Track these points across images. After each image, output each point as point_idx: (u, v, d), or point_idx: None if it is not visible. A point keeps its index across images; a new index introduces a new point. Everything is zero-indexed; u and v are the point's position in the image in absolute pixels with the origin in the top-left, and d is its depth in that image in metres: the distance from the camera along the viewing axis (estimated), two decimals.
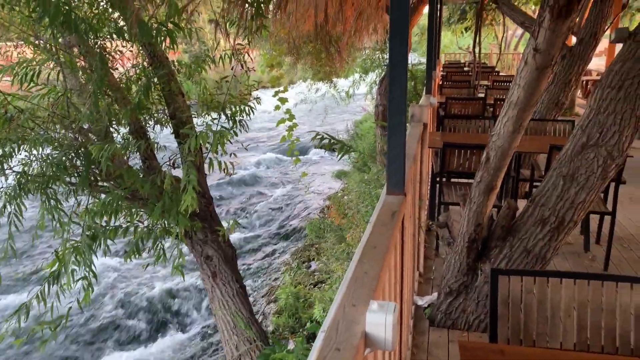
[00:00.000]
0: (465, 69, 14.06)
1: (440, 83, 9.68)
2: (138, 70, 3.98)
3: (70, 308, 3.43)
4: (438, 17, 7.81)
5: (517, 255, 2.66)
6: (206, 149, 3.57)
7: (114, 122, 3.83)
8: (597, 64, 13.21)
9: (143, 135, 4.10)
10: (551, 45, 2.15)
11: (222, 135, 3.33)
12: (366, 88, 13.61)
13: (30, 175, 3.41)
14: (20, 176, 3.39)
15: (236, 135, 3.61)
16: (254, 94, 4.44)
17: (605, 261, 3.72)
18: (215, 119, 3.65)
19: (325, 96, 12.99)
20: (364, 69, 13.12)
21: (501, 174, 2.63)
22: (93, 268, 3.45)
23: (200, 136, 3.28)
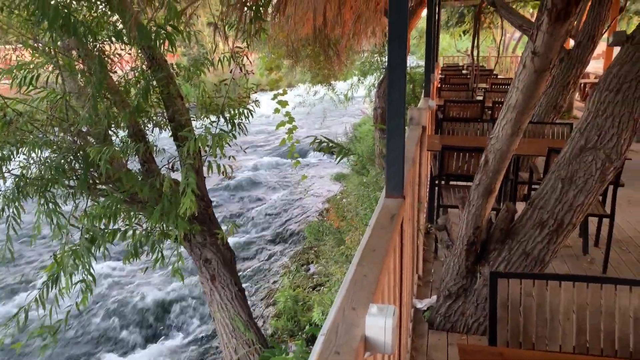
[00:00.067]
0: (464, 71, 14.10)
1: (439, 86, 9.70)
2: (137, 73, 3.98)
3: (69, 312, 3.42)
4: (436, 20, 7.82)
5: (516, 258, 2.67)
6: (205, 152, 3.57)
7: (112, 125, 3.82)
8: (595, 67, 13.24)
9: (142, 138, 4.09)
10: (549, 48, 2.16)
11: (221, 138, 3.33)
12: (365, 91, 13.63)
13: (29, 178, 3.41)
14: (18, 179, 3.38)
15: (235, 138, 3.61)
16: (253, 96, 4.44)
17: (603, 264, 3.72)
18: (214, 121, 3.64)
19: (324, 99, 13.00)
20: (362, 72, 13.14)
21: (500, 177, 2.63)
22: (92, 271, 3.45)
23: (199, 139, 3.27)
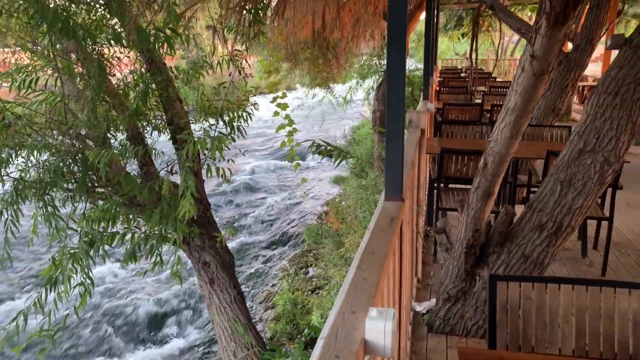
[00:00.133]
0: (462, 74, 14.12)
1: (438, 89, 9.72)
2: (136, 77, 3.98)
3: (67, 315, 3.41)
4: (435, 24, 7.85)
5: (515, 260, 2.67)
6: (204, 155, 3.57)
7: (111, 128, 3.82)
8: (593, 69, 13.28)
9: (141, 141, 4.09)
10: (548, 51, 2.17)
11: (220, 141, 3.33)
12: (363, 94, 13.64)
13: (28, 182, 3.40)
14: (17, 182, 3.38)
15: (234, 141, 3.61)
16: (252, 99, 4.44)
17: (602, 267, 3.72)
18: (213, 124, 3.65)
19: (323, 102, 13.01)
20: (361, 75, 13.15)
21: (499, 180, 2.64)
22: (91, 275, 3.44)
23: (198, 142, 3.27)
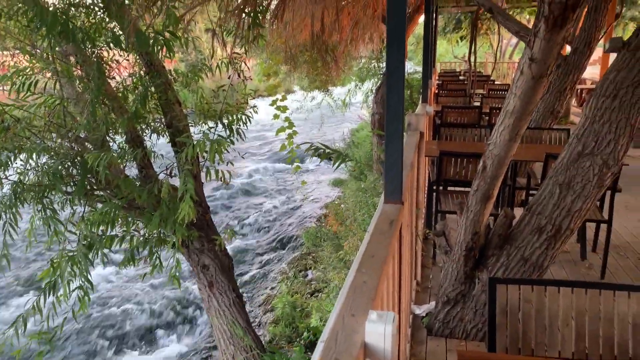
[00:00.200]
0: (461, 77, 14.17)
1: (436, 92, 9.74)
2: (135, 79, 3.98)
3: (65, 318, 3.40)
4: (433, 26, 7.86)
5: (514, 263, 2.67)
6: (203, 158, 3.57)
7: (110, 131, 3.82)
8: (592, 72, 13.32)
9: (140, 144, 4.09)
10: (547, 54, 2.17)
11: (219, 144, 3.32)
12: (362, 97, 13.66)
13: (26, 185, 3.40)
14: (16, 185, 3.37)
15: (233, 144, 3.61)
16: (251, 102, 4.45)
17: (601, 269, 3.72)
18: (212, 127, 3.65)
19: (322, 105, 13.03)
20: (360, 78, 13.18)
21: (498, 183, 2.64)
22: (89, 278, 3.43)
23: (197, 145, 3.27)
